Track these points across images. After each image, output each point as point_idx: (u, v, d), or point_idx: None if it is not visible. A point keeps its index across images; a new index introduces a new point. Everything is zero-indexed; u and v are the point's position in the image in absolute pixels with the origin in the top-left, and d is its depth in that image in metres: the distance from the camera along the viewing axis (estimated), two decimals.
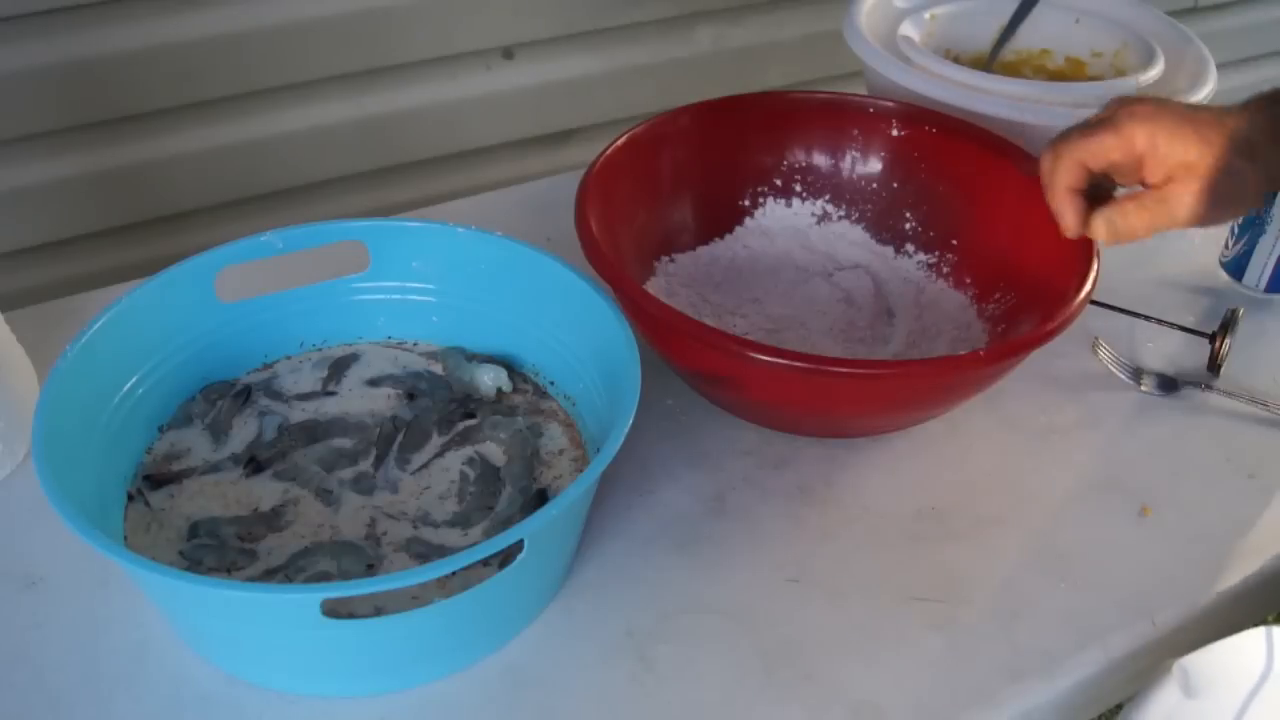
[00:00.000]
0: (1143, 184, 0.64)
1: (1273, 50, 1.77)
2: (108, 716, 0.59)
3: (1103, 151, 0.63)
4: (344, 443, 0.72)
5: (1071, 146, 0.64)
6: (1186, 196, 0.61)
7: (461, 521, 0.67)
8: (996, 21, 1.04)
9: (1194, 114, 0.61)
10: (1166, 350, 0.86)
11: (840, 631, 0.65)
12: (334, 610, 0.54)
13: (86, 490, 0.61)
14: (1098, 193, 0.67)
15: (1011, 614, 0.66)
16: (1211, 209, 0.61)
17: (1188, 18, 1.54)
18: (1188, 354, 0.85)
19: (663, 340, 0.72)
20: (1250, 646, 0.57)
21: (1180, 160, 0.60)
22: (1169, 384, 0.82)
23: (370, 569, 0.64)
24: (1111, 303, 0.87)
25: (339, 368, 0.77)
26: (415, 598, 0.59)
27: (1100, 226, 0.65)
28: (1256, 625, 0.60)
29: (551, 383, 0.76)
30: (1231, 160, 0.59)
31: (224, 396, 0.74)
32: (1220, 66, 0.94)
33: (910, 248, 0.88)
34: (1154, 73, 0.95)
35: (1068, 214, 0.67)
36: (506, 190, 1.04)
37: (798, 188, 0.90)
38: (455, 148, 1.21)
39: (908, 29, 1.01)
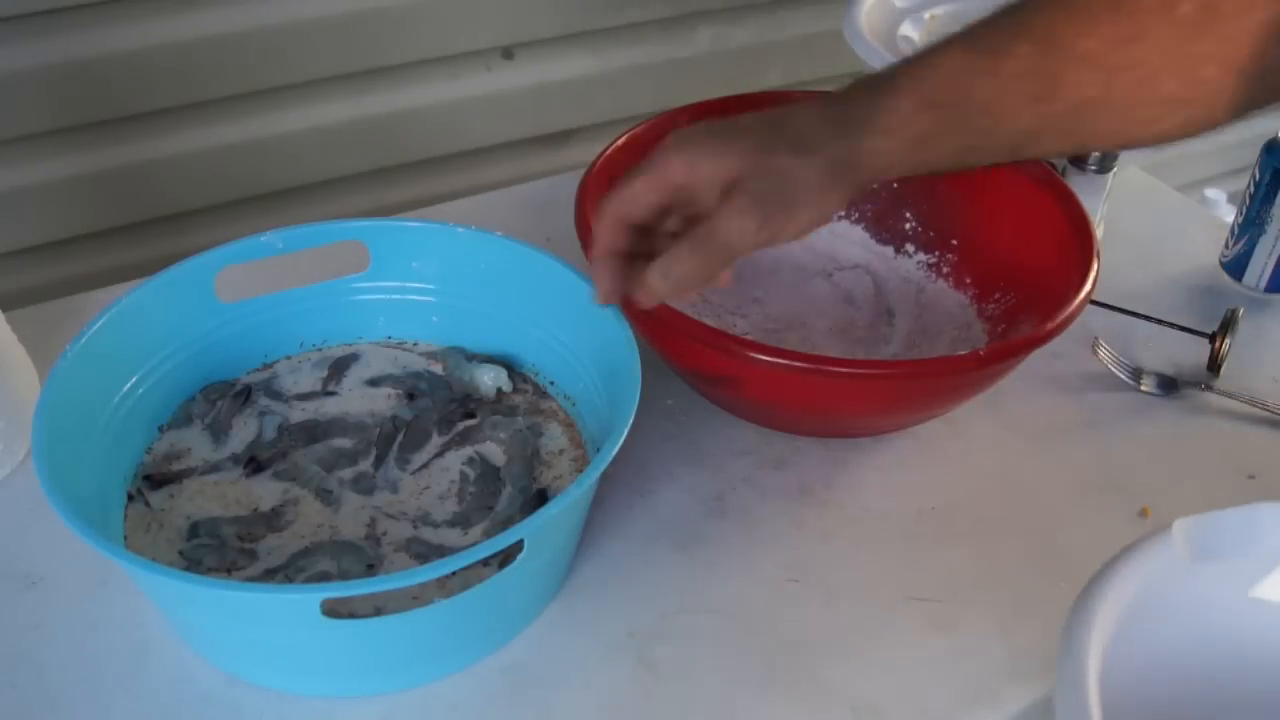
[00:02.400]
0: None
1: None
2: (108, 716, 0.59)
3: (638, 199, 0.55)
4: (344, 443, 0.72)
5: (607, 204, 0.57)
6: (733, 215, 0.53)
7: (461, 521, 0.67)
8: None
9: (741, 123, 0.55)
10: (1166, 350, 0.86)
11: (840, 631, 0.65)
12: (334, 610, 0.54)
13: (86, 490, 0.61)
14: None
15: (1011, 614, 0.66)
16: (767, 220, 0.53)
17: None
18: (1188, 354, 0.85)
19: (663, 340, 0.72)
20: (1268, 517, 0.53)
21: (724, 177, 0.53)
22: (1169, 384, 0.82)
23: (370, 569, 0.64)
24: (1111, 303, 0.87)
25: (339, 368, 0.77)
26: (415, 598, 0.59)
27: (655, 281, 0.56)
28: None
29: (551, 383, 0.76)
30: (774, 159, 0.53)
31: (224, 396, 0.74)
32: None
33: (910, 248, 0.88)
34: None
35: (599, 280, 0.59)
36: (506, 190, 1.04)
37: None
38: (455, 148, 1.21)
39: (908, 29, 1.01)
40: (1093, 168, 0.86)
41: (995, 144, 0.55)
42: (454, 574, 0.56)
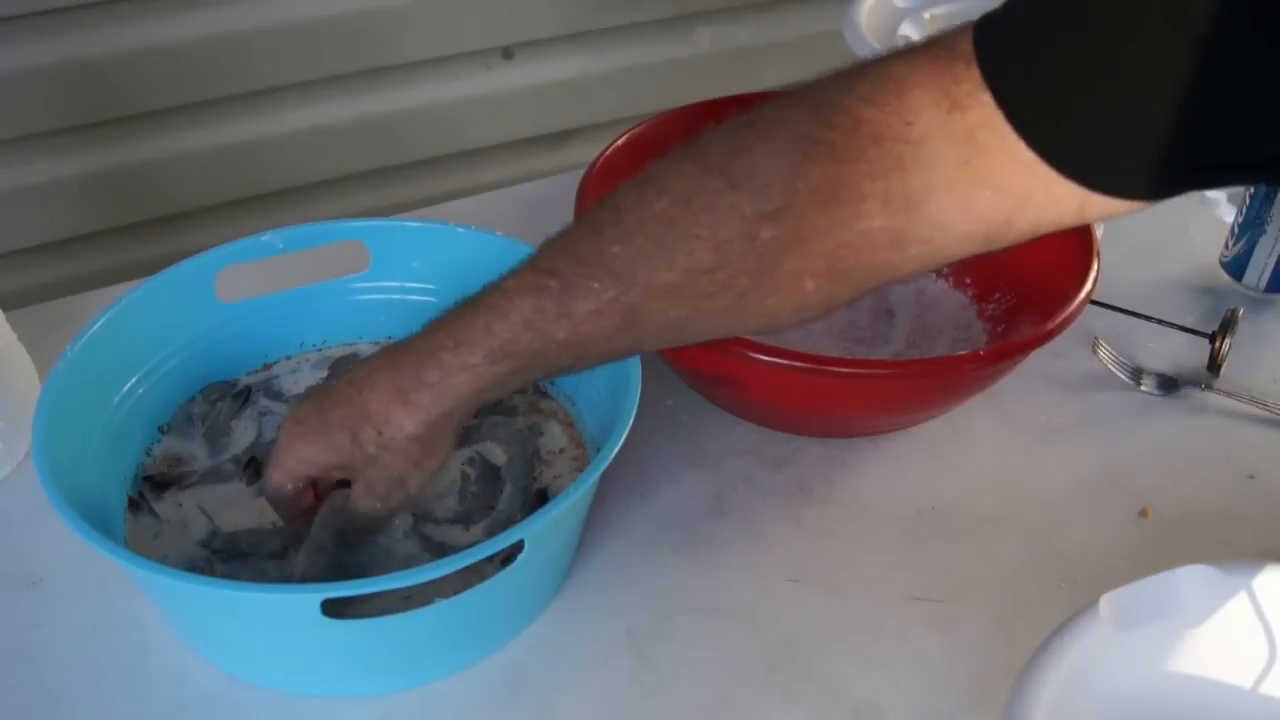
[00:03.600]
0: None
1: None
2: (108, 716, 0.59)
3: (283, 489, 0.59)
4: None
5: (266, 492, 0.60)
6: (359, 499, 0.58)
7: (462, 521, 0.67)
8: None
9: (332, 407, 0.56)
10: (1166, 350, 0.86)
11: (840, 632, 0.65)
12: (334, 610, 0.54)
13: (86, 490, 0.61)
14: None
15: (1011, 614, 0.66)
16: (386, 497, 0.57)
17: None
18: (1188, 354, 0.85)
19: None
20: (1184, 583, 0.56)
21: (333, 464, 0.57)
22: (1169, 384, 0.82)
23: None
24: (1111, 303, 0.87)
25: (339, 368, 0.76)
26: (414, 597, 0.59)
27: (309, 549, 0.60)
28: None
29: (552, 382, 0.76)
30: (365, 451, 0.56)
31: (224, 397, 0.73)
32: None
33: None
34: None
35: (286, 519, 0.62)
36: (506, 190, 1.03)
37: None
38: (455, 148, 1.21)
39: (907, 29, 1.01)
40: None
41: (591, 363, 0.55)
42: (454, 574, 0.56)
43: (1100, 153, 0.46)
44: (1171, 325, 0.86)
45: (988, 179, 0.47)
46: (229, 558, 0.64)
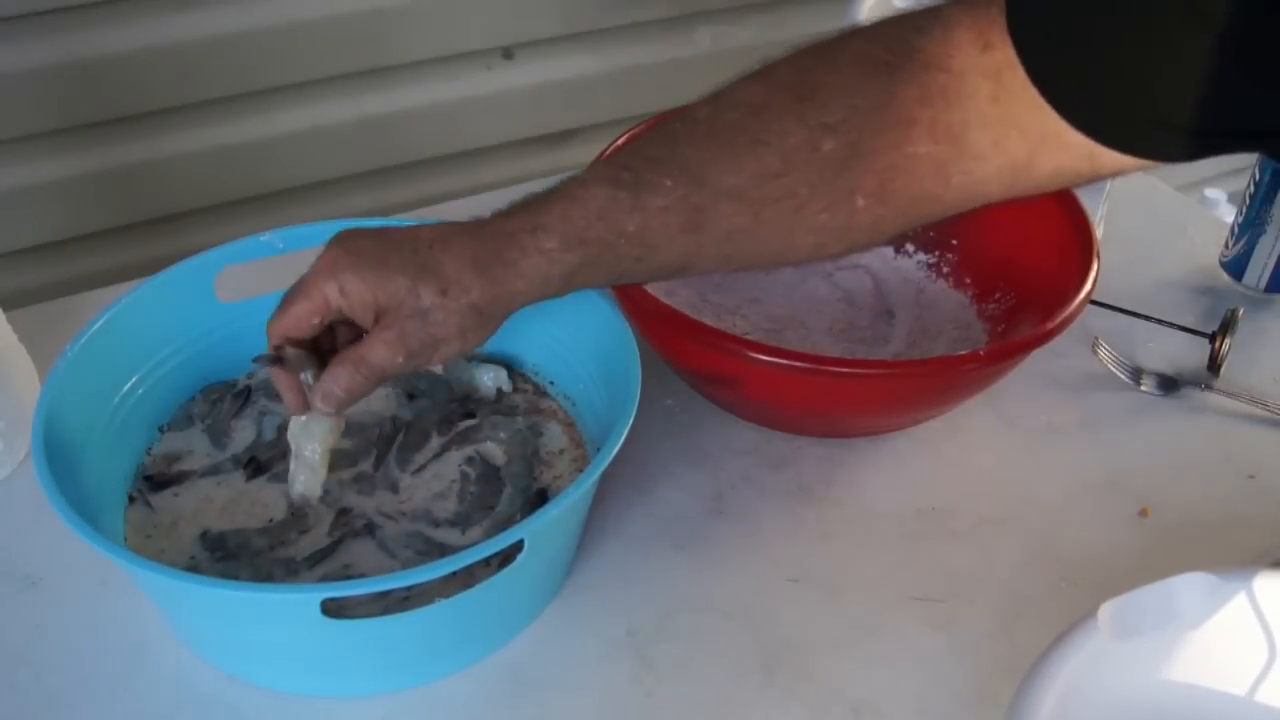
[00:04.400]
0: None
1: None
2: (108, 716, 0.59)
3: (301, 321, 0.58)
4: (344, 443, 0.72)
5: (273, 325, 0.59)
6: (381, 345, 0.56)
7: (462, 521, 0.67)
8: None
9: (395, 254, 0.56)
10: (1166, 350, 0.86)
11: (840, 631, 0.65)
12: (334, 610, 0.54)
13: (86, 490, 0.61)
14: None
15: (1012, 614, 0.66)
16: (412, 355, 0.56)
17: None
18: (1188, 354, 0.85)
19: (663, 340, 0.72)
20: (1182, 591, 0.56)
21: (372, 302, 0.56)
22: (1169, 384, 0.82)
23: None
24: (1111, 303, 0.87)
25: None
26: (414, 598, 0.59)
27: (316, 400, 0.59)
28: None
29: (551, 383, 0.76)
30: (419, 301, 0.55)
31: (224, 397, 0.74)
32: None
33: (910, 247, 0.88)
34: None
35: (284, 393, 0.61)
36: (506, 190, 1.02)
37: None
38: (455, 148, 1.21)
39: None
40: None
41: (651, 268, 0.57)
42: (454, 574, 0.56)
43: (1103, 107, 0.48)
44: (1171, 325, 0.86)
45: (1013, 118, 0.50)
46: (224, 557, 0.64)
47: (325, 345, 0.61)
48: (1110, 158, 0.49)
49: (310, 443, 0.63)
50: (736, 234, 0.54)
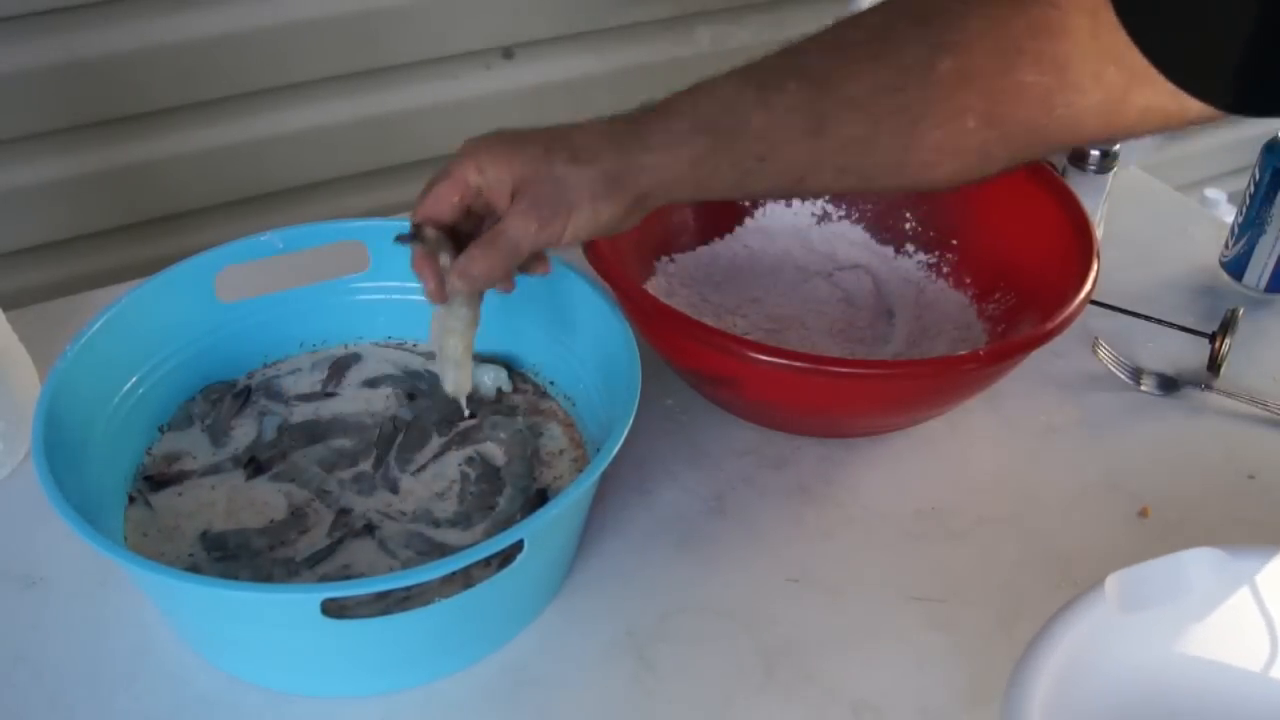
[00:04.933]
0: None
1: None
2: (108, 716, 0.59)
3: (442, 201, 0.60)
4: (344, 443, 0.72)
5: (417, 209, 0.61)
6: (516, 217, 0.58)
7: (462, 521, 0.67)
8: None
9: (530, 133, 0.60)
10: (1166, 350, 0.86)
11: (840, 631, 0.65)
12: (334, 610, 0.54)
13: (86, 490, 0.61)
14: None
15: (1012, 614, 0.66)
16: (545, 223, 0.58)
17: None
18: (1188, 354, 0.85)
19: (663, 340, 0.72)
20: (1191, 566, 0.55)
21: (509, 178, 0.59)
22: (1169, 384, 0.82)
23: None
24: (1111, 303, 0.87)
25: (339, 368, 0.77)
26: (414, 598, 0.59)
27: (454, 280, 0.61)
28: None
29: (551, 383, 0.76)
30: (553, 168, 0.57)
31: (224, 397, 0.74)
32: None
33: (910, 248, 0.88)
34: None
35: (424, 279, 0.63)
36: None
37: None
38: (455, 148, 1.21)
39: None
40: (1092, 168, 0.86)
41: (772, 172, 0.58)
42: (454, 574, 0.56)
43: (1176, 44, 0.50)
44: (1171, 325, 0.86)
45: (1111, 53, 0.52)
46: (224, 557, 0.64)
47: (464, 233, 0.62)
48: (1194, 104, 0.51)
49: (450, 338, 0.65)
50: (854, 143, 0.57)
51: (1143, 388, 0.82)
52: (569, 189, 0.57)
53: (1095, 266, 0.72)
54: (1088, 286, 0.71)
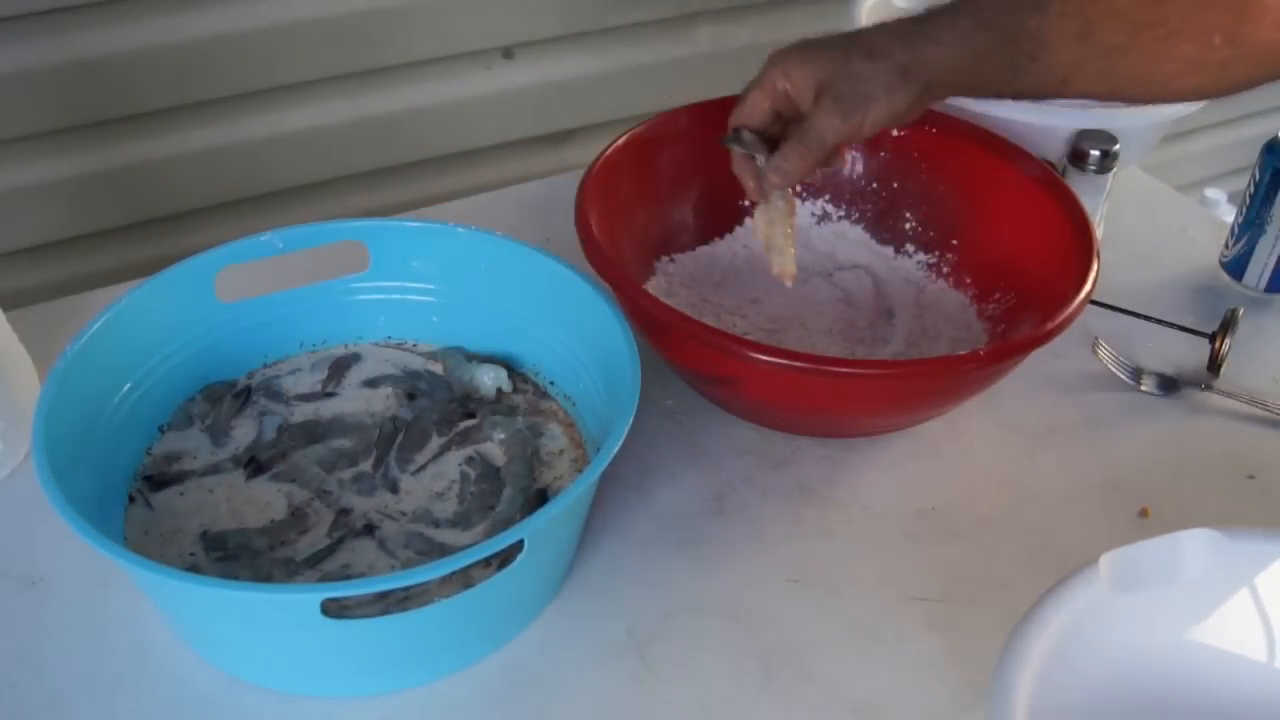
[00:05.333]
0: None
1: None
2: (108, 716, 0.59)
3: (755, 106, 0.69)
4: (344, 443, 0.72)
5: (732, 116, 0.70)
6: (821, 113, 0.66)
7: (462, 521, 0.67)
8: None
9: (829, 38, 0.67)
10: (1166, 350, 0.86)
11: (840, 631, 0.65)
12: (334, 610, 0.54)
13: (87, 490, 0.61)
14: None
15: (1012, 614, 0.65)
16: (848, 114, 0.65)
17: None
18: (1188, 354, 0.85)
19: (663, 340, 0.72)
20: (1188, 547, 0.55)
21: (812, 80, 0.66)
22: (1169, 384, 0.82)
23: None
24: (1111, 303, 0.87)
25: (339, 368, 0.77)
26: (414, 598, 0.59)
27: (770, 176, 0.69)
28: None
29: (551, 383, 0.76)
30: (851, 65, 0.65)
31: (224, 397, 0.74)
32: None
33: (910, 248, 0.88)
34: None
35: (744, 179, 0.72)
36: (506, 190, 1.03)
37: (797, 187, 0.90)
38: (455, 148, 1.21)
39: None
40: (1092, 168, 0.86)
41: (1040, 70, 0.65)
42: (454, 574, 0.56)
43: None
44: (1171, 325, 0.86)
45: None
46: (224, 557, 0.64)
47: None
48: None
49: (773, 228, 0.73)
50: (1114, 50, 0.63)
51: (1143, 388, 0.82)
52: (866, 83, 0.65)
53: (1095, 266, 0.72)
54: (1088, 286, 0.71)
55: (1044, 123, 0.87)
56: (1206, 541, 0.55)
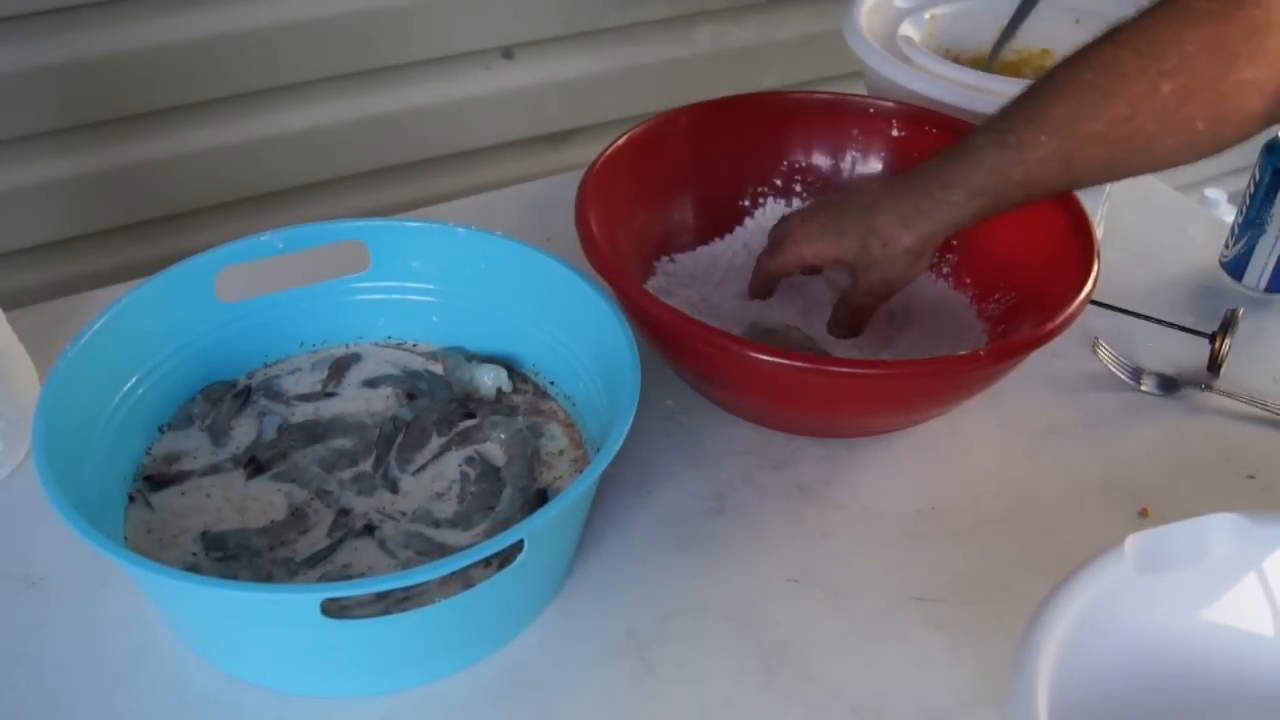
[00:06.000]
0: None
1: None
2: (108, 716, 0.59)
3: (783, 270, 0.78)
4: (344, 443, 0.72)
5: (760, 272, 0.79)
6: (860, 294, 0.75)
7: (462, 521, 0.67)
8: (996, 21, 1.04)
9: (844, 224, 0.73)
10: (1166, 350, 0.86)
11: (840, 631, 0.65)
12: (334, 610, 0.54)
13: (86, 490, 0.61)
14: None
15: (1011, 614, 0.66)
16: (882, 295, 0.75)
17: None
18: (1188, 354, 0.85)
19: (663, 340, 0.72)
20: (1212, 530, 0.56)
21: (837, 259, 0.74)
22: (1169, 384, 0.82)
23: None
24: (1111, 303, 0.87)
25: (339, 368, 0.77)
26: (414, 598, 0.59)
27: (836, 329, 0.79)
28: None
29: (551, 383, 0.76)
30: (870, 254, 0.72)
31: (224, 397, 0.74)
32: None
33: None
34: None
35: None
36: (506, 190, 1.03)
37: (798, 188, 0.90)
38: (455, 148, 1.21)
39: (908, 29, 1.01)
40: None
41: (1037, 197, 0.69)
42: (454, 574, 0.56)
43: None
44: (1171, 325, 0.86)
45: None
46: (224, 557, 0.64)
47: None
48: None
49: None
50: (1099, 167, 0.67)
51: (1143, 388, 0.82)
52: (886, 271, 0.73)
53: (1095, 266, 0.72)
54: (1088, 286, 0.71)
55: None
56: (1231, 525, 0.56)
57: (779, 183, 0.90)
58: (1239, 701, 0.57)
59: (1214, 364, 0.83)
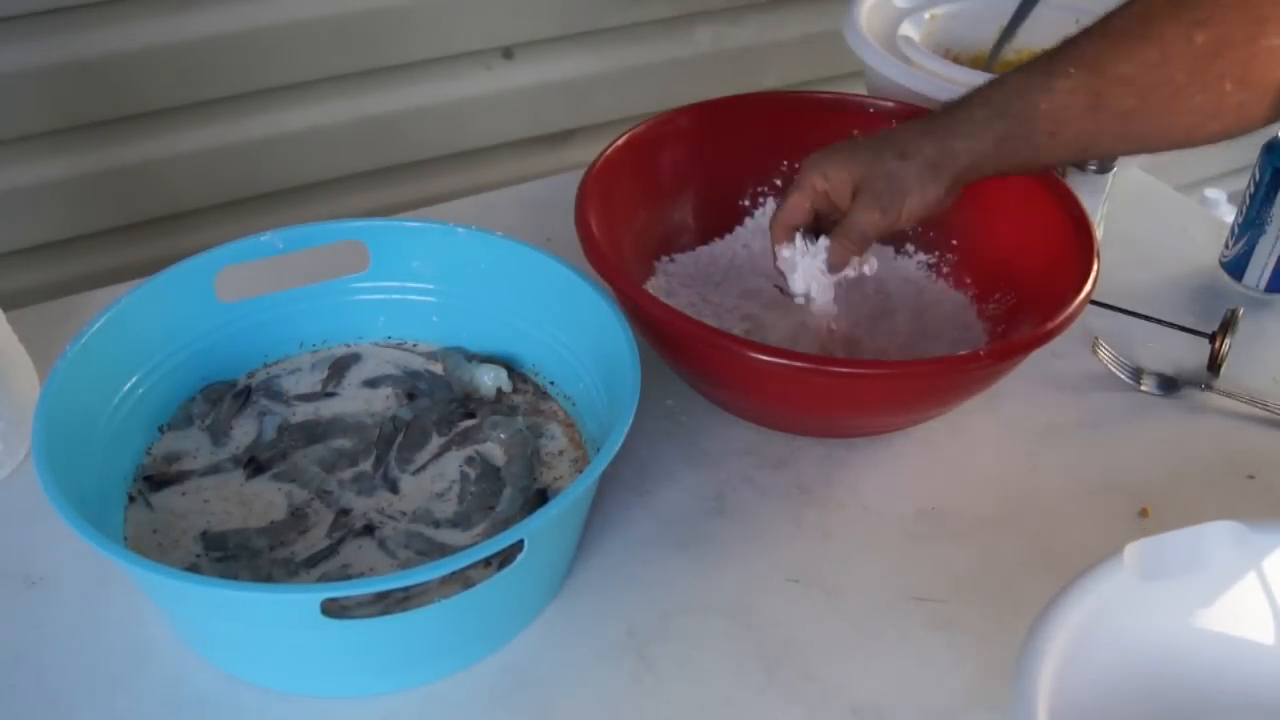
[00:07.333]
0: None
1: None
2: (108, 716, 0.59)
3: (797, 208, 0.72)
4: (344, 443, 0.72)
5: (776, 218, 0.74)
6: (858, 210, 0.70)
7: (462, 521, 0.67)
8: (996, 21, 1.04)
9: (860, 140, 0.71)
10: (1166, 350, 0.86)
11: (840, 631, 0.65)
12: (334, 610, 0.54)
13: (86, 490, 0.61)
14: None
15: (1012, 614, 0.66)
16: (885, 209, 0.69)
17: None
18: (1188, 354, 0.85)
19: (663, 340, 0.72)
20: (1212, 538, 0.56)
21: (849, 179, 0.70)
22: (1169, 384, 0.82)
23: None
24: (1111, 303, 0.87)
25: (339, 368, 0.77)
26: (414, 598, 0.59)
27: (835, 247, 0.73)
28: None
29: (551, 383, 0.76)
30: (884, 165, 0.69)
31: (224, 397, 0.74)
32: None
33: (910, 248, 0.88)
34: None
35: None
36: (506, 190, 1.03)
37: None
38: (455, 148, 1.21)
39: (908, 29, 1.01)
40: (1093, 168, 0.86)
41: (1060, 146, 0.68)
42: (454, 574, 0.56)
43: None
44: (1171, 325, 0.86)
45: None
46: (224, 557, 0.64)
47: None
48: None
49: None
50: (1128, 114, 0.65)
51: (1143, 388, 0.82)
52: (900, 179, 0.69)
53: (1095, 266, 0.72)
54: (1088, 286, 0.71)
55: None
56: (1230, 533, 0.56)
57: (779, 182, 0.90)
58: (1239, 709, 0.57)
59: (1214, 364, 0.83)
